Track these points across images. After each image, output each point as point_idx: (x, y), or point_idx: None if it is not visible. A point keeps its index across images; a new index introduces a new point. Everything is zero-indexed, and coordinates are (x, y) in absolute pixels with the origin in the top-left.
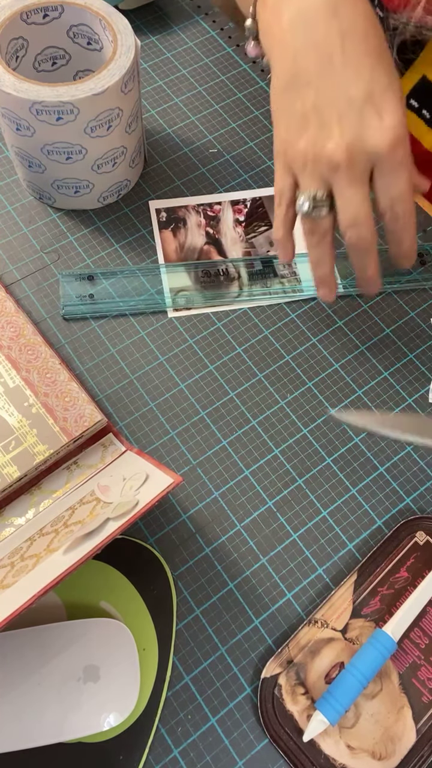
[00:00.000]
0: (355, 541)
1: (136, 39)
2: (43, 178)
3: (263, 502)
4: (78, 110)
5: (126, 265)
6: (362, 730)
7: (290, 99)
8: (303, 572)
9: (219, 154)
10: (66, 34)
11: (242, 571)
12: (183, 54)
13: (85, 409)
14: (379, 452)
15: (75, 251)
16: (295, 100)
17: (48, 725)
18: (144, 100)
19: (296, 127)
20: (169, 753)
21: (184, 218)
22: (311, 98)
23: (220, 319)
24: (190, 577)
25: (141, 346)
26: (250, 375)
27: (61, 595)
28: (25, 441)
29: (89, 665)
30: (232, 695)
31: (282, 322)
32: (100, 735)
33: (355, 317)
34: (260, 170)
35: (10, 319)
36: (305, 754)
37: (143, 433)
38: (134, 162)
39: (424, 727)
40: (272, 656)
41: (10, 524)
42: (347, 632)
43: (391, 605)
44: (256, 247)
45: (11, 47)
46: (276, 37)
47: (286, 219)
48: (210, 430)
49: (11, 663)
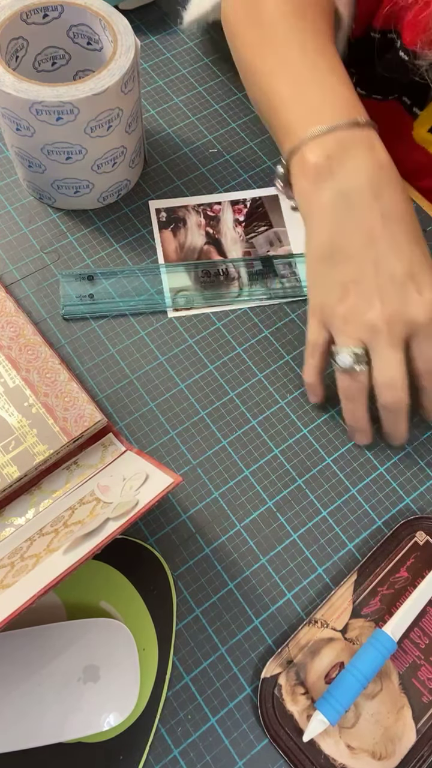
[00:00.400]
0: (355, 541)
1: (136, 39)
2: (43, 178)
3: (263, 502)
4: (78, 110)
5: (126, 265)
6: (362, 730)
7: (329, 268)
8: (303, 572)
9: (219, 154)
10: (66, 34)
11: (242, 571)
12: (183, 54)
13: (85, 409)
14: (379, 452)
15: (75, 251)
16: (334, 271)
17: (48, 725)
18: (144, 100)
19: (336, 294)
20: (169, 753)
21: (184, 218)
22: (352, 272)
23: (220, 319)
24: (190, 577)
25: (141, 346)
26: (250, 375)
27: (61, 595)
28: (25, 441)
29: (89, 665)
30: (232, 695)
31: (282, 322)
32: (100, 735)
33: None
34: (260, 170)
35: (10, 319)
36: (305, 754)
37: (143, 433)
38: (134, 162)
39: (424, 727)
40: (272, 656)
41: (10, 524)
42: (347, 632)
43: (391, 605)
44: (256, 247)
45: (11, 47)
46: (314, 207)
47: (318, 368)
48: (210, 430)
49: (11, 663)
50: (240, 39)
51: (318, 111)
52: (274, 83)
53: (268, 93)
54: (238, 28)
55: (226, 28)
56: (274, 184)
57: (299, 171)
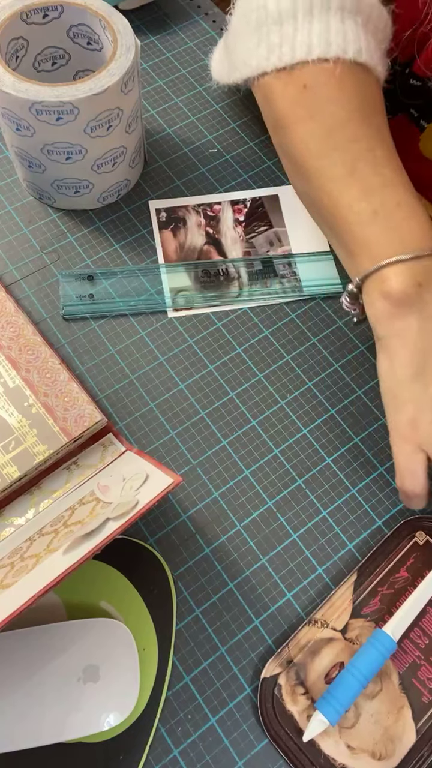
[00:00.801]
0: (355, 541)
1: (136, 39)
2: (43, 178)
3: (263, 502)
4: (78, 110)
5: (126, 265)
6: (362, 730)
7: (422, 386)
8: (303, 572)
9: (219, 154)
10: (66, 34)
11: (242, 571)
12: (183, 54)
13: (85, 409)
14: (379, 452)
15: (75, 251)
16: (429, 386)
17: (48, 725)
18: (144, 100)
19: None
20: (169, 753)
21: (184, 218)
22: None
23: (220, 319)
24: (190, 577)
25: (141, 346)
26: (250, 375)
27: (61, 595)
28: (25, 441)
29: (89, 665)
30: (232, 695)
31: (282, 322)
32: (100, 735)
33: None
34: (260, 170)
35: (10, 319)
36: (305, 754)
37: (143, 433)
38: (134, 162)
39: (424, 727)
40: (272, 656)
41: (10, 524)
42: (347, 632)
43: (391, 605)
44: (256, 247)
45: (11, 47)
46: (397, 330)
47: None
48: (210, 430)
49: (11, 663)
50: (293, 133)
51: (399, 235)
52: (345, 192)
53: (335, 200)
54: (289, 121)
55: (270, 112)
56: (341, 301)
57: (379, 294)
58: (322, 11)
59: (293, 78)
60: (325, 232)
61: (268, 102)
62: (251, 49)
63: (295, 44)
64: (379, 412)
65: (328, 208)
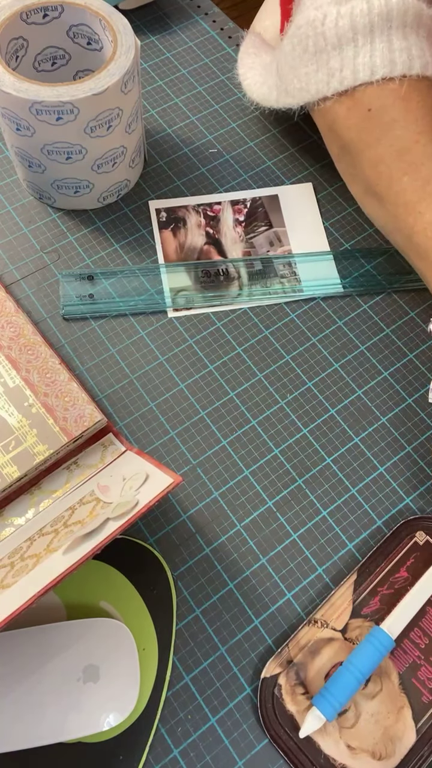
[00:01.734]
0: (355, 541)
1: (136, 39)
2: (43, 178)
3: (263, 502)
4: (78, 110)
5: (126, 265)
6: (362, 730)
7: None
8: (303, 572)
9: (219, 154)
10: (66, 34)
11: (242, 571)
12: (183, 54)
13: (85, 409)
14: (379, 452)
15: (75, 251)
16: None
17: (48, 725)
18: (144, 100)
19: None
20: (169, 753)
21: (184, 218)
22: None
23: (220, 319)
24: (190, 577)
25: (141, 346)
26: (250, 375)
27: (61, 595)
28: (25, 441)
29: (89, 665)
30: (232, 695)
31: (282, 322)
32: (100, 735)
33: (355, 317)
34: (260, 170)
35: (10, 319)
36: (305, 754)
37: (143, 433)
38: (134, 162)
39: (424, 727)
40: (272, 656)
41: (10, 524)
42: (347, 632)
43: (391, 605)
44: (255, 247)
45: (11, 47)
46: None
47: None
48: (210, 430)
49: (11, 663)
50: (361, 161)
51: None
52: (418, 220)
53: (409, 228)
54: (355, 148)
55: (334, 139)
56: (428, 328)
57: None
58: (383, 30)
59: (356, 102)
60: (401, 252)
61: (331, 130)
62: (309, 74)
63: (357, 67)
64: (379, 412)
65: (403, 232)
